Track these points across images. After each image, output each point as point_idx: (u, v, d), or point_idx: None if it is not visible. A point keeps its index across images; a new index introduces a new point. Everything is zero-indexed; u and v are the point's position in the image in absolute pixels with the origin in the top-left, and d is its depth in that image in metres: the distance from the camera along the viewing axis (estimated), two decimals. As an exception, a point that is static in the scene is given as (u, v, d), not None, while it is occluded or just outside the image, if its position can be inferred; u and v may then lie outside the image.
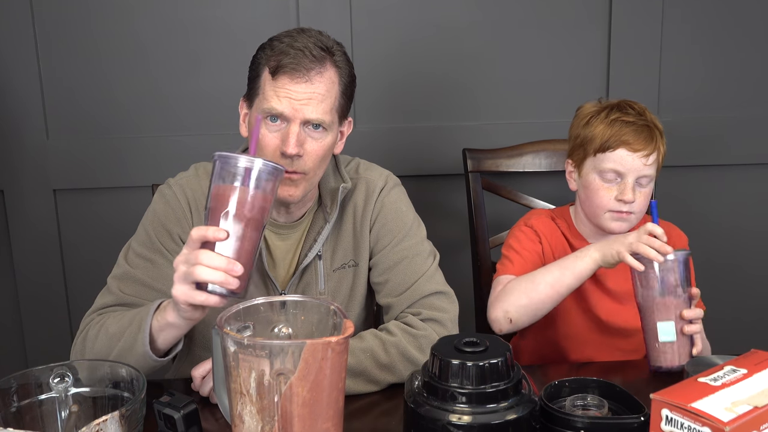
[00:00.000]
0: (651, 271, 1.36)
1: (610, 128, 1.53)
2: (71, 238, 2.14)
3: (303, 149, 1.32)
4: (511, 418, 0.96)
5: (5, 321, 2.19)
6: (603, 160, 1.53)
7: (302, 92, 1.30)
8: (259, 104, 1.33)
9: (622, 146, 1.51)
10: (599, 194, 1.54)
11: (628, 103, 1.57)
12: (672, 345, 1.36)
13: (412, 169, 2.10)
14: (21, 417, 1.08)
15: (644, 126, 1.53)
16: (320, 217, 1.45)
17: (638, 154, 1.51)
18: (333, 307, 1.00)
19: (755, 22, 2.10)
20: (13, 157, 2.07)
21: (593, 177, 1.55)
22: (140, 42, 2.03)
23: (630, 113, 1.54)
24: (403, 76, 2.09)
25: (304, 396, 0.88)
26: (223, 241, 1.09)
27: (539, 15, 2.07)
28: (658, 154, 1.54)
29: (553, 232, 1.65)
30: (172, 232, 1.40)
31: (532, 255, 1.61)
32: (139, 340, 1.24)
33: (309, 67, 1.30)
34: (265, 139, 1.32)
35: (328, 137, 1.36)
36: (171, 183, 1.45)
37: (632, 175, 1.52)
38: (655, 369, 1.37)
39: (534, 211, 1.73)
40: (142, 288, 1.37)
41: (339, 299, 1.47)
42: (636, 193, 1.52)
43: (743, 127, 2.15)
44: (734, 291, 2.24)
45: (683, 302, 1.37)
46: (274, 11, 2.03)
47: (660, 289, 1.36)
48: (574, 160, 1.62)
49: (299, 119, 1.31)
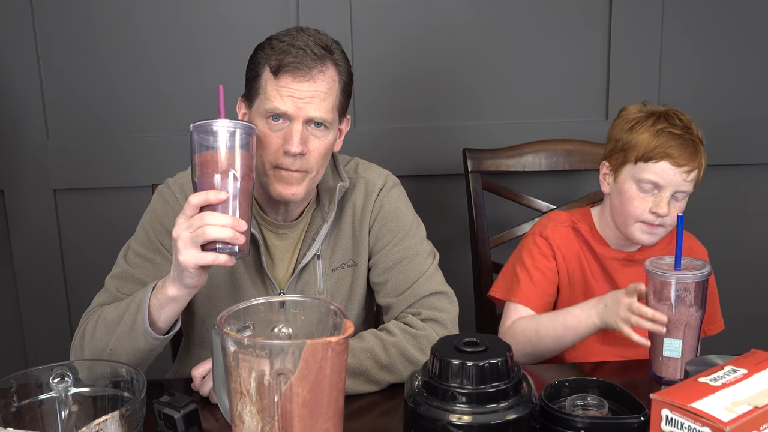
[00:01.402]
0: (666, 288, 1.32)
1: (656, 138, 1.48)
2: (71, 238, 2.14)
3: (306, 147, 1.32)
4: (511, 418, 0.96)
5: (5, 321, 2.19)
6: (644, 170, 1.49)
7: (305, 90, 1.30)
8: (261, 104, 1.33)
9: (666, 159, 1.47)
10: (634, 203, 1.51)
11: (675, 113, 1.53)
12: (676, 360, 1.34)
13: (412, 169, 2.10)
14: (21, 417, 1.08)
15: (690, 141, 1.49)
16: (318, 216, 1.45)
17: (681, 169, 1.47)
18: (333, 307, 1.00)
19: (755, 22, 2.10)
20: (13, 157, 2.07)
21: (630, 185, 1.52)
22: (140, 41, 2.03)
23: (677, 125, 1.50)
24: (404, 76, 2.09)
25: (304, 396, 0.88)
26: (224, 201, 1.14)
27: (539, 15, 2.07)
28: (699, 170, 1.51)
29: (570, 244, 1.61)
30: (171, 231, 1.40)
31: (544, 278, 1.58)
32: (139, 320, 1.24)
33: (311, 66, 1.30)
34: (268, 138, 1.32)
35: (329, 135, 1.36)
36: (170, 183, 1.45)
37: (670, 188, 1.49)
38: (656, 379, 1.37)
39: (552, 215, 1.68)
40: (140, 287, 1.37)
41: (338, 299, 1.47)
42: (670, 207, 1.49)
43: (743, 127, 2.15)
44: (734, 291, 2.24)
45: (694, 321, 1.33)
46: (275, 10, 2.03)
47: (673, 307, 1.32)
48: (611, 164, 1.57)
49: (302, 118, 1.31)
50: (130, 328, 1.25)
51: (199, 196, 1.14)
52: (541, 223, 1.65)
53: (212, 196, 1.14)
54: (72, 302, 2.16)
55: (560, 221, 1.64)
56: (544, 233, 1.61)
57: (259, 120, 1.33)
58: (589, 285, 1.60)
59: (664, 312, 1.32)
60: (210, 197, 1.14)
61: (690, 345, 1.34)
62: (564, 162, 1.97)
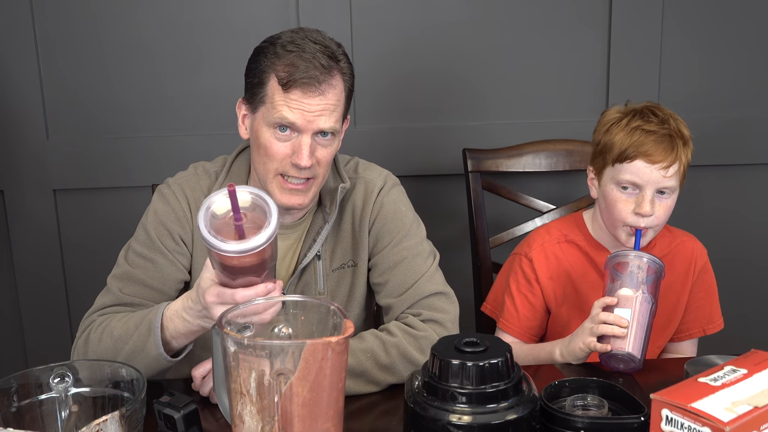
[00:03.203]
0: (622, 266, 1.40)
1: (629, 137, 1.46)
2: (71, 238, 2.14)
3: (314, 157, 1.33)
4: (511, 418, 0.96)
5: (5, 321, 2.19)
6: (620, 171, 1.47)
7: (315, 105, 1.30)
8: (268, 113, 1.32)
9: (640, 157, 1.44)
10: (617, 207, 1.49)
11: (653, 108, 1.50)
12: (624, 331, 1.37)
13: (413, 169, 2.10)
14: (21, 417, 1.08)
15: (666, 135, 1.46)
16: (320, 217, 1.45)
17: (657, 165, 1.44)
18: (333, 307, 1.00)
19: (755, 22, 2.10)
20: (13, 157, 2.07)
21: (611, 187, 1.50)
22: (140, 41, 2.03)
23: (652, 121, 1.47)
24: (404, 76, 2.09)
25: (304, 396, 0.88)
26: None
27: (539, 15, 2.07)
28: (680, 164, 1.47)
29: (558, 263, 1.59)
30: (172, 231, 1.41)
31: (528, 304, 1.60)
32: (151, 343, 1.25)
33: (321, 80, 1.30)
34: (274, 147, 1.33)
35: (336, 142, 1.37)
36: (170, 183, 1.45)
37: (651, 187, 1.46)
38: (604, 359, 1.40)
39: (540, 232, 1.64)
40: (142, 288, 1.37)
41: (338, 299, 1.47)
42: (656, 205, 1.46)
43: (743, 127, 2.15)
44: (734, 291, 2.24)
45: (644, 302, 1.37)
46: (275, 10, 2.02)
47: (627, 282, 1.39)
48: (594, 168, 1.56)
49: (311, 131, 1.31)
50: (140, 349, 1.26)
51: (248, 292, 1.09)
52: (527, 242, 1.64)
53: (261, 290, 1.08)
54: (72, 302, 2.16)
55: (548, 240, 1.61)
56: (529, 254, 1.60)
57: (265, 128, 1.33)
58: (586, 298, 1.58)
59: (615, 288, 1.39)
60: (259, 292, 1.08)
61: (640, 324, 1.37)
62: (564, 162, 1.97)
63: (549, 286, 1.59)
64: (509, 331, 1.61)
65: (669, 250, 1.60)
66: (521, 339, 1.61)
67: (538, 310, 1.61)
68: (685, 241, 1.63)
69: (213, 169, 1.46)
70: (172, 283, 1.40)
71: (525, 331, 1.61)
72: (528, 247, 1.61)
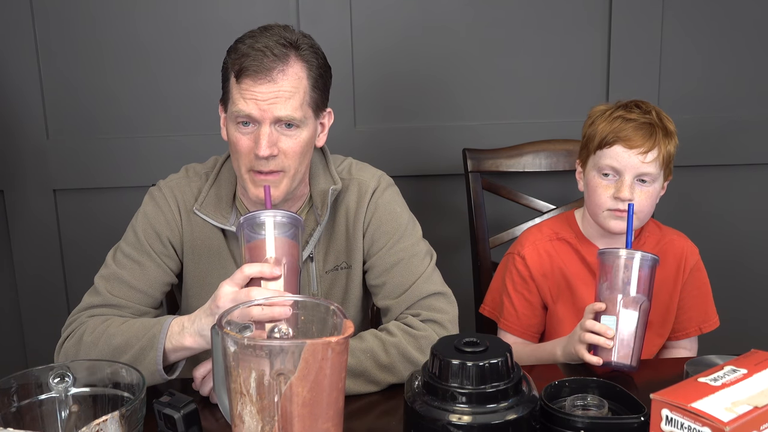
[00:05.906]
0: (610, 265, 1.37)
1: (609, 125, 1.51)
2: (71, 238, 2.14)
3: (277, 148, 1.32)
4: (511, 418, 0.96)
5: (5, 321, 2.19)
6: (601, 157, 1.51)
7: (267, 92, 1.30)
8: (230, 109, 1.34)
9: (618, 142, 1.49)
10: (597, 192, 1.52)
11: (638, 102, 1.55)
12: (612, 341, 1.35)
13: (412, 169, 2.10)
14: (21, 417, 1.08)
15: (645, 123, 1.50)
16: (311, 218, 1.45)
17: (635, 150, 1.48)
18: (333, 307, 1.00)
19: (755, 21, 2.10)
20: (13, 157, 2.07)
21: (593, 174, 1.54)
22: (140, 42, 2.03)
23: (634, 111, 1.52)
24: (404, 76, 2.09)
25: (304, 396, 0.88)
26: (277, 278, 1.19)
27: (539, 15, 2.07)
28: (659, 152, 1.49)
29: (550, 260, 1.61)
30: (161, 234, 1.41)
31: (525, 303, 1.62)
32: (150, 358, 1.25)
33: (270, 67, 1.30)
34: (240, 142, 1.33)
35: (303, 133, 1.35)
36: (161, 185, 1.45)
37: (630, 172, 1.49)
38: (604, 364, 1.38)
39: (531, 231, 1.67)
40: (128, 290, 1.38)
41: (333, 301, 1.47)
42: (636, 192, 1.49)
43: (743, 127, 2.15)
44: (734, 291, 2.24)
45: (631, 303, 1.35)
46: (275, 11, 2.03)
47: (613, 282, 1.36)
48: (581, 160, 1.60)
49: (268, 120, 1.31)
50: (137, 363, 1.26)
51: (253, 268, 1.17)
52: (519, 241, 1.66)
53: (266, 269, 1.17)
54: (72, 302, 2.16)
55: (538, 238, 1.63)
56: (522, 252, 1.62)
57: (231, 125, 1.35)
58: (580, 296, 1.60)
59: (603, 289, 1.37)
60: (264, 270, 1.17)
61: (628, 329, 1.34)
62: (564, 162, 1.97)
63: (543, 282, 1.61)
64: (510, 331, 1.63)
65: (659, 248, 1.60)
66: (523, 338, 1.62)
67: (536, 307, 1.62)
68: (675, 239, 1.64)
69: (204, 171, 1.47)
70: (159, 285, 1.41)
71: (526, 329, 1.62)
72: (521, 246, 1.64)
